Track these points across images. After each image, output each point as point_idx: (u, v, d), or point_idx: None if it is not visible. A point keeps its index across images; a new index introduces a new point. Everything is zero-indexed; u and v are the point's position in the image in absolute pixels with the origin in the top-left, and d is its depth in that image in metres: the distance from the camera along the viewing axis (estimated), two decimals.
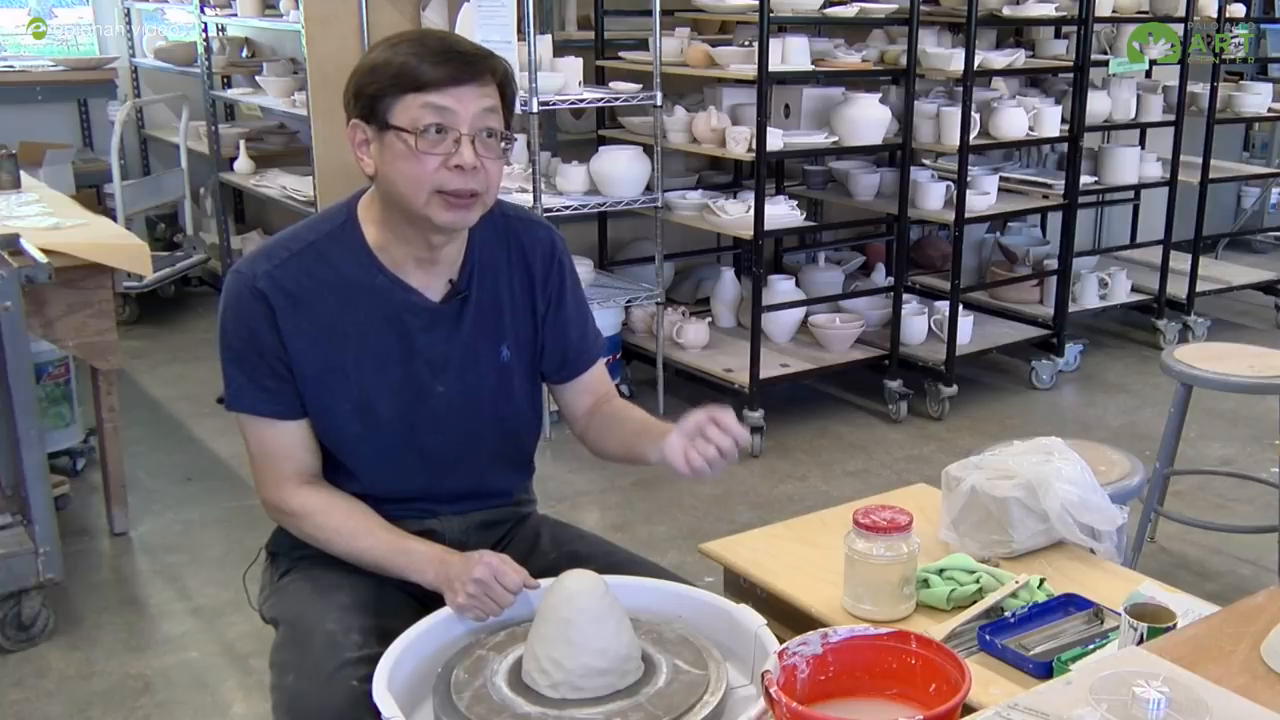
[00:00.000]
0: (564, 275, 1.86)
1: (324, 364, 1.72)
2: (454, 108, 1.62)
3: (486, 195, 1.68)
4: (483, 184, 1.66)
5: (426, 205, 1.65)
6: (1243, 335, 5.59)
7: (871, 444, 4.33)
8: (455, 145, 1.62)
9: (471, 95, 1.63)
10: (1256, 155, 7.37)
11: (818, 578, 2.01)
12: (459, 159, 1.62)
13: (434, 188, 1.63)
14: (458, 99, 1.62)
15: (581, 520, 3.53)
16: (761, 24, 3.89)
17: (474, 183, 1.64)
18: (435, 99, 1.61)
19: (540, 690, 1.50)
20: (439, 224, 1.66)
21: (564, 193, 4.36)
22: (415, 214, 1.66)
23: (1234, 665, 1.36)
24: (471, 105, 1.63)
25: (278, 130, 5.97)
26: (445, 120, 1.62)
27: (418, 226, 1.69)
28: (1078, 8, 4.73)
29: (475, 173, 1.64)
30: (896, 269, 4.70)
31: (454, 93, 1.61)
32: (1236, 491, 3.86)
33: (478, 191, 1.66)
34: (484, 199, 1.68)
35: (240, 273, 1.72)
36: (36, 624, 2.95)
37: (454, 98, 1.62)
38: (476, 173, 1.64)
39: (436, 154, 1.62)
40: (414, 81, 1.61)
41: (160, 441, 4.27)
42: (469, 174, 1.63)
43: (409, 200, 1.65)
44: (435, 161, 1.62)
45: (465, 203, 1.65)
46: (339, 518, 1.75)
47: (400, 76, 1.61)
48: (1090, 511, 2.05)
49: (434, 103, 1.61)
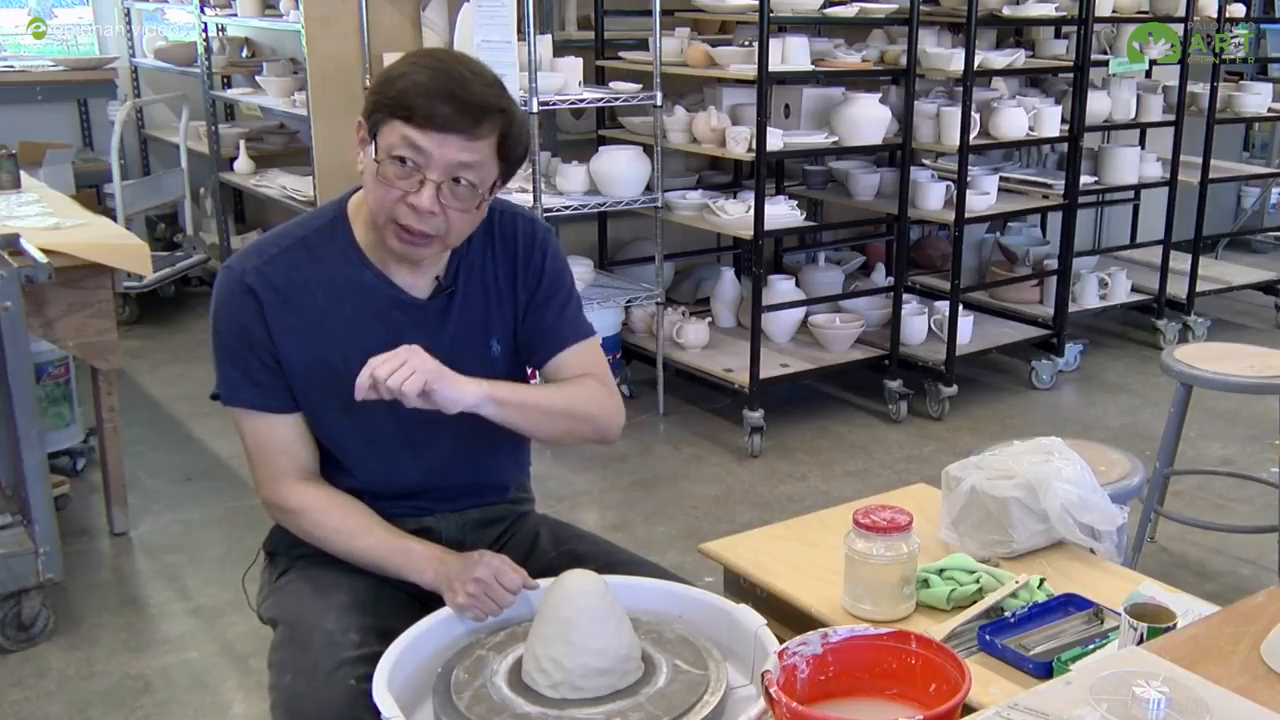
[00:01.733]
0: (545, 260, 1.84)
1: (313, 359, 1.73)
2: (429, 149, 1.59)
3: (447, 238, 1.67)
4: (440, 229, 1.64)
5: (384, 228, 1.66)
6: (1243, 335, 5.59)
7: (871, 444, 4.33)
8: (419, 185, 1.61)
9: (454, 145, 1.60)
10: (1256, 155, 7.37)
11: (818, 578, 2.01)
12: (416, 199, 1.61)
13: (390, 217, 1.64)
14: (436, 143, 1.59)
15: (581, 520, 3.53)
16: (761, 24, 3.89)
17: (428, 226, 1.63)
18: (414, 135, 1.59)
19: (540, 690, 1.50)
20: (390, 249, 1.68)
21: (564, 193, 4.36)
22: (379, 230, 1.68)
23: (1234, 665, 1.36)
24: (450, 153, 1.60)
25: (278, 130, 5.97)
26: (415, 158, 1.60)
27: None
28: (1078, 8, 4.73)
29: (431, 217, 1.62)
30: (896, 269, 4.70)
31: (435, 137, 1.59)
32: (1236, 491, 3.86)
33: (429, 234, 1.64)
34: (443, 241, 1.67)
35: (230, 268, 1.73)
36: (36, 624, 2.95)
37: (434, 141, 1.59)
38: (433, 218, 1.63)
39: (397, 187, 1.61)
40: (404, 110, 1.59)
41: (160, 441, 4.27)
42: (423, 216, 1.62)
43: (374, 215, 1.68)
44: (395, 193, 1.62)
45: (418, 240, 1.65)
46: (337, 516, 1.75)
47: (398, 99, 1.60)
48: (1090, 511, 2.05)
49: (412, 138, 1.59)
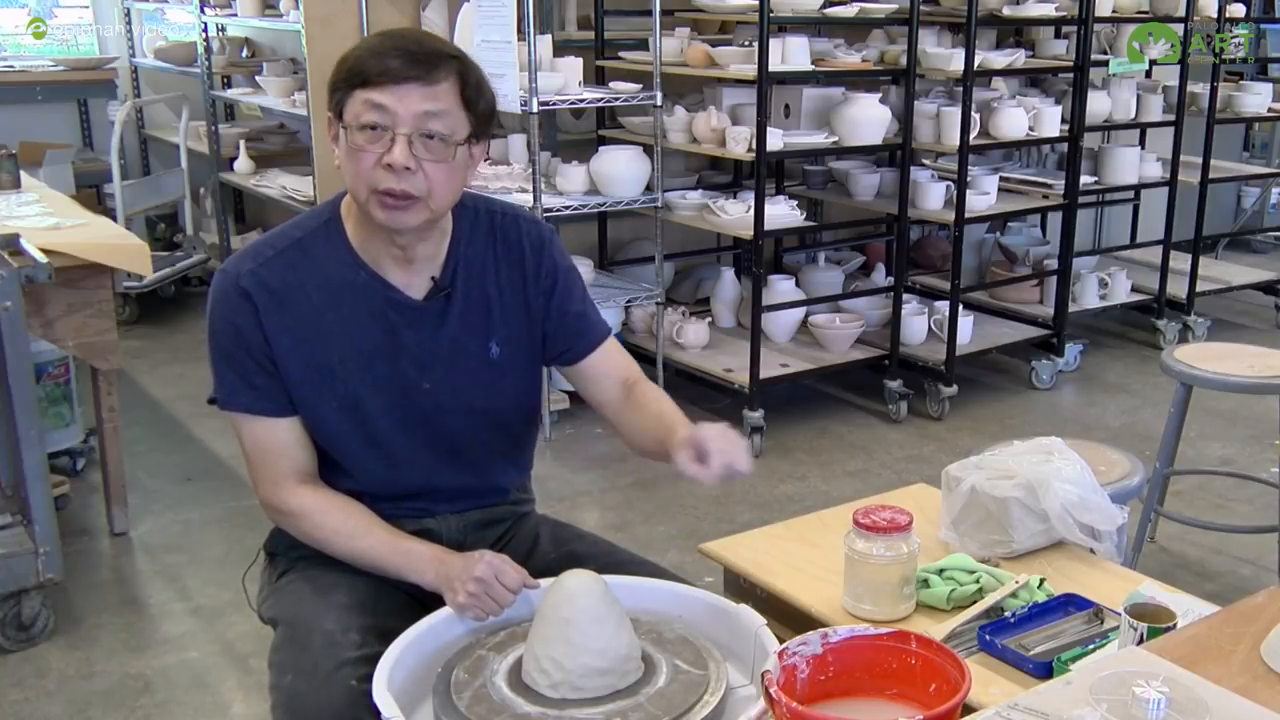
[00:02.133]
0: (556, 264, 1.85)
1: (309, 361, 1.72)
2: (391, 106, 1.60)
3: (431, 199, 1.64)
4: (421, 188, 1.63)
5: (367, 203, 1.64)
6: (1243, 335, 5.59)
7: (871, 444, 4.33)
8: (390, 143, 1.60)
9: (414, 95, 1.60)
10: (1256, 155, 7.37)
11: (818, 578, 2.01)
12: (389, 158, 1.60)
13: (370, 186, 1.62)
14: (398, 97, 1.59)
15: (581, 520, 3.53)
16: (761, 24, 3.89)
17: (408, 185, 1.61)
18: (375, 96, 1.60)
19: (540, 690, 1.50)
20: (378, 223, 1.66)
21: (564, 193, 4.36)
22: (364, 212, 1.67)
23: (1234, 665, 1.36)
24: (413, 105, 1.60)
25: (278, 130, 5.97)
26: (380, 119, 1.60)
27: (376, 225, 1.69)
28: (1078, 8, 4.73)
29: (409, 175, 1.61)
30: (896, 269, 4.70)
31: (394, 91, 1.59)
32: (1236, 491, 3.86)
33: (413, 195, 1.63)
34: (428, 203, 1.65)
35: (226, 271, 1.73)
36: (36, 624, 2.95)
37: (394, 96, 1.59)
38: (412, 175, 1.61)
39: (371, 151, 1.61)
40: (361, 77, 1.61)
41: (160, 441, 4.27)
42: (401, 175, 1.61)
43: (356, 197, 1.66)
44: (371, 159, 1.61)
45: (401, 204, 1.63)
46: (337, 517, 1.75)
47: (352, 72, 1.62)
48: (1090, 511, 2.05)
49: (374, 100, 1.60)
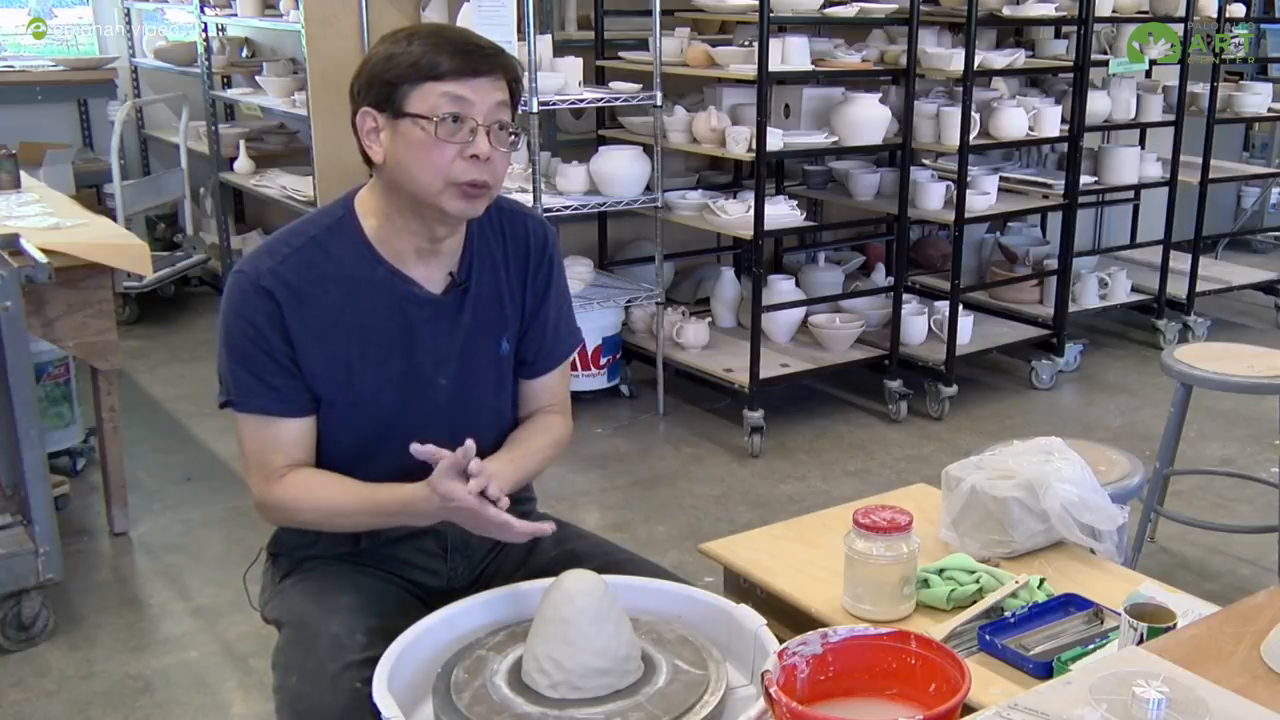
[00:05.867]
0: (552, 268, 1.87)
1: (329, 357, 1.72)
2: (471, 98, 1.64)
3: (495, 188, 1.71)
4: (494, 176, 1.69)
5: (440, 194, 1.66)
6: (1243, 335, 5.59)
7: (871, 444, 4.33)
8: (471, 135, 1.64)
9: (487, 87, 1.65)
10: (1256, 155, 7.37)
11: (818, 578, 2.01)
12: (475, 149, 1.64)
13: (449, 178, 1.65)
14: (475, 90, 1.64)
15: (581, 520, 3.53)
16: (761, 24, 3.89)
17: (487, 174, 1.67)
18: (453, 88, 1.63)
19: (540, 690, 1.50)
20: (450, 213, 1.68)
21: (564, 193, 4.36)
22: (425, 203, 1.67)
23: (1234, 665, 1.36)
24: (487, 97, 1.65)
25: (278, 130, 5.97)
26: (462, 110, 1.64)
27: (424, 217, 1.70)
28: (1078, 8, 4.73)
29: (488, 164, 1.66)
30: (896, 269, 4.70)
31: (471, 84, 1.64)
32: (1236, 491, 3.86)
33: (488, 183, 1.68)
34: (492, 191, 1.71)
35: (243, 272, 1.71)
36: (36, 624, 2.95)
37: (471, 88, 1.64)
38: (490, 164, 1.67)
39: (453, 143, 1.64)
40: (433, 70, 1.63)
41: (160, 441, 4.27)
42: (482, 165, 1.66)
43: (422, 188, 1.66)
44: (452, 150, 1.64)
45: (478, 193, 1.68)
46: (321, 495, 1.71)
47: (419, 65, 1.63)
48: (1090, 511, 2.05)
49: (452, 92, 1.63)
